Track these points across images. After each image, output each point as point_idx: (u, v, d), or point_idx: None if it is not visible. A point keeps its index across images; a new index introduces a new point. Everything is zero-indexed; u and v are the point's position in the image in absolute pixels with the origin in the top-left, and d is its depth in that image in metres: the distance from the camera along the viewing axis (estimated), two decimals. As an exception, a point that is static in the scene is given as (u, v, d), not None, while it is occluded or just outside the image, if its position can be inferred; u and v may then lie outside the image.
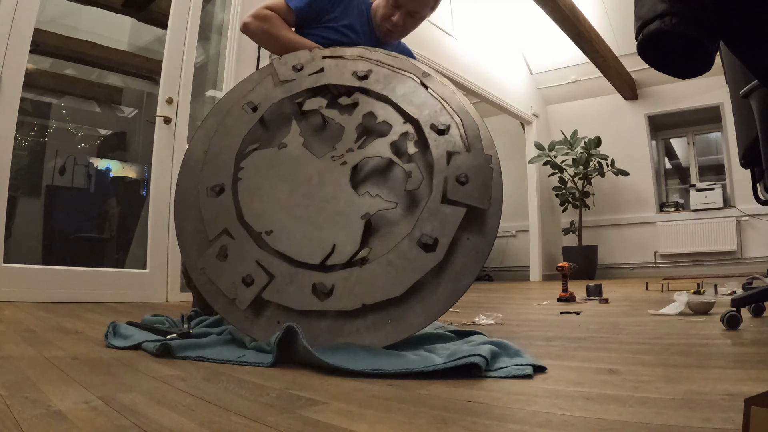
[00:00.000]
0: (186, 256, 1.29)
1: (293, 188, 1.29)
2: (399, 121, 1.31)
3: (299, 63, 1.44)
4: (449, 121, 1.30)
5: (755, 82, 1.28)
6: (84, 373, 0.93)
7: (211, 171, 1.32)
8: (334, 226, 1.23)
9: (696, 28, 0.77)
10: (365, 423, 0.64)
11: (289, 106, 1.41)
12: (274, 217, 1.25)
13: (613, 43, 5.74)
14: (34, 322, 1.68)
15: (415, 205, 1.24)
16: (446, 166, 1.22)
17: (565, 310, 2.22)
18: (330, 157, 1.31)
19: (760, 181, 1.57)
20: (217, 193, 1.28)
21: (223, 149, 1.34)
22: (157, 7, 3.95)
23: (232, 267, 1.20)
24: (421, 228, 1.16)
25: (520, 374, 0.89)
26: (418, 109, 1.31)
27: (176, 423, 0.64)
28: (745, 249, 5.73)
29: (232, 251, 1.21)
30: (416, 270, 1.13)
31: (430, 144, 1.26)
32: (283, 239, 1.22)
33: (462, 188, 1.20)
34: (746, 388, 0.76)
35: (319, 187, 1.28)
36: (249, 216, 1.26)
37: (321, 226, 1.23)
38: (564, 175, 6.42)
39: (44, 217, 3.63)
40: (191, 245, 1.28)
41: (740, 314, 1.45)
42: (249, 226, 1.24)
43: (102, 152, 4.27)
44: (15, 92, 2.41)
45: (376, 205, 1.24)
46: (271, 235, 1.23)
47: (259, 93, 1.40)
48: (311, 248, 1.20)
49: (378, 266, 1.15)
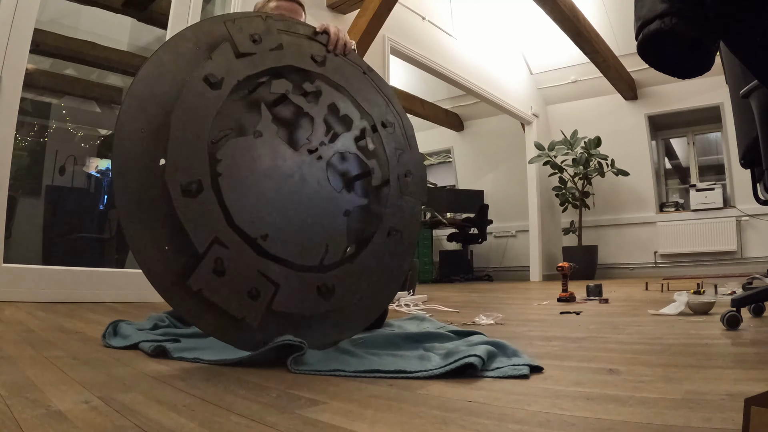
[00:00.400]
0: (158, 282, 1.00)
1: (279, 185, 1.17)
2: (357, 116, 1.33)
3: (256, 33, 1.22)
4: (393, 119, 1.39)
5: (755, 82, 1.28)
6: (84, 373, 0.93)
7: (179, 164, 1.03)
8: (322, 225, 1.21)
9: (696, 28, 0.77)
10: (365, 423, 0.64)
11: (248, 84, 1.20)
12: (266, 219, 1.12)
13: (613, 43, 5.74)
14: (34, 322, 1.68)
15: (378, 200, 1.30)
16: (397, 163, 1.33)
17: (565, 310, 2.22)
18: (306, 150, 1.22)
19: (760, 181, 1.57)
20: (194, 192, 1.03)
21: (190, 136, 1.06)
22: (157, 7, 3.95)
23: (232, 282, 1.03)
24: (388, 221, 1.27)
25: (516, 374, 0.89)
26: (371, 105, 1.36)
27: (176, 423, 0.64)
28: (745, 249, 5.73)
29: (229, 263, 1.03)
30: (395, 258, 1.26)
31: (384, 141, 1.33)
32: (279, 243, 1.12)
33: (409, 183, 1.33)
34: (746, 388, 0.76)
35: (302, 183, 1.20)
36: (241, 219, 1.08)
37: (311, 226, 1.19)
38: (564, 175, 6.42)
39: (44, 217, 3.62)
40: (160, 265, 1.00)
41: (740, 314, 1.45)
42: (241, 230, 1.08)
43: (102, 152, 4.27)
44: (15, 92, 2.41)
45: (352, 201, 1.27)
46: (267, 240, 1.10)
47: (219, 64, 1.14)
48: (308, 249, 1.17)
49: (366, 260, 1.22)
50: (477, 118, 7.82)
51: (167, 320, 1.56)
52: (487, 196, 7.36)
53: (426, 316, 1.75)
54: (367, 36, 3.73)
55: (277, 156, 1.18)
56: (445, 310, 2.29)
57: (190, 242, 1.01)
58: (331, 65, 1.32)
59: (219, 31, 1.19)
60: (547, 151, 6.38)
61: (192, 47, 1.15)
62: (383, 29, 3.99)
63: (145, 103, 1.06)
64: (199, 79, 1.10)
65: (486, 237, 6.97)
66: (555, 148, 6.36)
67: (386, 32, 4.29)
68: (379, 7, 3.66)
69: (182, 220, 1.01)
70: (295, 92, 1.24)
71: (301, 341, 1.02)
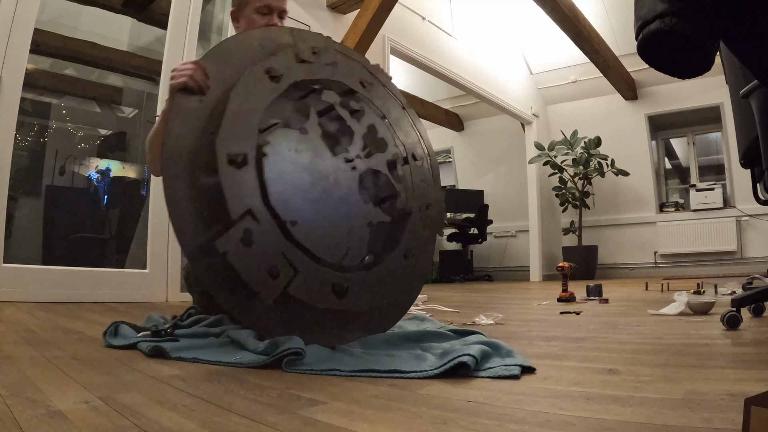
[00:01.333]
0: (187, 241, 1.09)
1: (314, 181, 1.23)
2: (392, 142, 1.40)
3: (316, 47, 1.36)
4: (423, 154, 1.48)
5: (755, 82, 1.28)
6: (84, 373, 0.93)
7: (231, 133, 1.11)
8: (346, 228, 1.26)
9: (696, 28, 0.77)
10: (365, 423, 0.64)
11: (303, 89, 1.31)
12: (298, 208, 1.18)
13: (613, 43, 5.74)
14: (34, 322, 1.68)
15: (399, 222, 1.36)
16: (420, 194, 1.41)
17: (565, 310, 2.22)
18: (343, 158, 1.31)
19: (760, 181, 1.57)
20: (239, 163, 1.10)
21: (245, 112, 1.15)
22: (157, 7, 3.95)
23: (257, 256, 1.08)
24: (406, 244, 1.33)
25: (507, 374, 0.88)
26: (405, 136, 1.45)
27: (176, 423, 0.64)
28: (745, 249, 5.73)
29: (257, 238, 1.08)
30: (407, 279, 1.33)
31: (412, 171, 1.41)
32: (306, 233, 1.16)
33: (429, 215, 1.42)
34: (746, 388, 0.76)
35: (335, 185, 1.27)
36: (275, 200, 1.13)
37: (337, 226, 1.24)
38: (564, 175, 6.42)
39: (44, 217, 3.63)
40: (191, 226, 1.10)
41: (740, 314, 1.45)
42: (274, 211, 1.13)
43: (102, 152, 4.27)
44: (15, 92, 2.41)
45: (377, 215, 1.33)
46: (296, 226, 1.14)
47: (281, 63, 1.26)
48: (330, 247, 1.21)
49: (381, 273, 1.27)
50: (477, 118, 7.82)
51: (161, 319, 1.56)
52: (487, 196, 7.36)
53: (426, 316, 1.75)
54: (367, 36, 3.73)
55: (317, 155, 1.27)
56: (445, 310, 2.29)
57: (226, 212, 1.07)
58: (375, 92, 1.42)
59: (283, 40, 1.34)
60: (547, 151, 6.38)
61: (257, 46, 1.29)
62: (383, 29, 3.99)
63: (210, 81, 1.20)
64: (262, 69, 1.22)
65: (486, 237, 6.97)
66: (555, 148, 6.37)
67: (386, 32, 4.30)
68: (379, 7, 3.66)
69: (222, 186, 1.07)
70: (341, 106, 1.34)
71: (300, 348, 1.02)
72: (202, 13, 3.25)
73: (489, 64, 5.89)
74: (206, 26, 3.62)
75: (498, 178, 7.54)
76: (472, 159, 7.91)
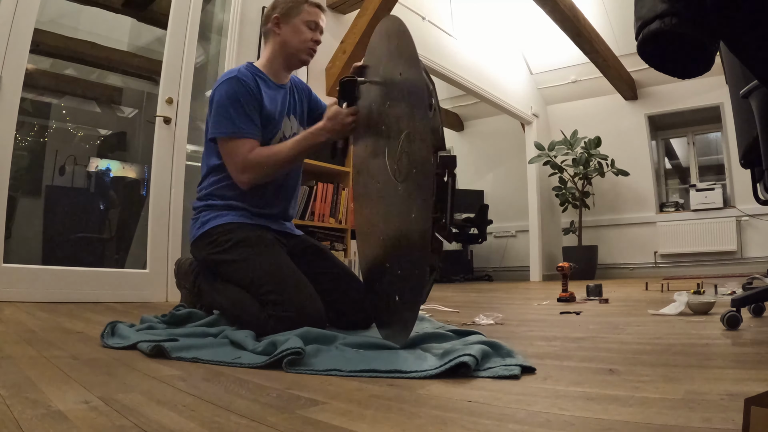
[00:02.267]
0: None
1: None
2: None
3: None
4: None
5: (755, 82, 1.28)
6: (84, 373, 0.93)
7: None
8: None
9: (696, 28, 0.77)
10: (365, 423, 0.64)
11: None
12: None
13: (613, 43, 5.74)
14: (34, 322, 1.68)
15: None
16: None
17: (565, 310, 2.22)
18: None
19: (760, 181, 1.56)
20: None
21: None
22: (157, 7, 3.95)
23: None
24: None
25: (507, 374, 0.89)
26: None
27: (176, 423, 0.64)
28: (745, 249, 5.73)
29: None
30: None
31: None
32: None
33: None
34: (746, 388, 0.76)
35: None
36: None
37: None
38: (564, 175, 6.42)
39: (44, 217, 3.63)
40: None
41: (740, 314, 1.45)
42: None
43: (102, 152, 4.27)
44: (15, 92, 2.41)
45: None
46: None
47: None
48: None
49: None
50: (477, 118, 7.82)
51: (155, 319, 1.56)
52: (487, 196, 7.36)
53: (425, 316, 1.75)
54: (367, 36, 3.73)
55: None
56: (444, 310, 2.29)
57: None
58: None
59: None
60: (547, 151, 6.38)
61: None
62: (383, 29, 3.98)
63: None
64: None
65: (486, 237, 6.97)
66: (555, 148, 6.36)
67: (386, 32, 4.28)
68: (379, 7, 3.66)
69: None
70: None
71: (300, 348, 1.02)
72: (202, 13, 3.25)
73: (489, 64, 5.89)
74: (206, 26, 3.62)
75: (498, 178, 7.54)
76: (472, 159, 7.91)
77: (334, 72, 3.75)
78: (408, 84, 1.23)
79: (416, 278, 1.12)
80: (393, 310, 1.26)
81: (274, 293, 1.38)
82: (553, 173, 6.53)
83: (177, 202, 2.97)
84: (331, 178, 3.57)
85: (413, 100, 1.18)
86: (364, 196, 1.51)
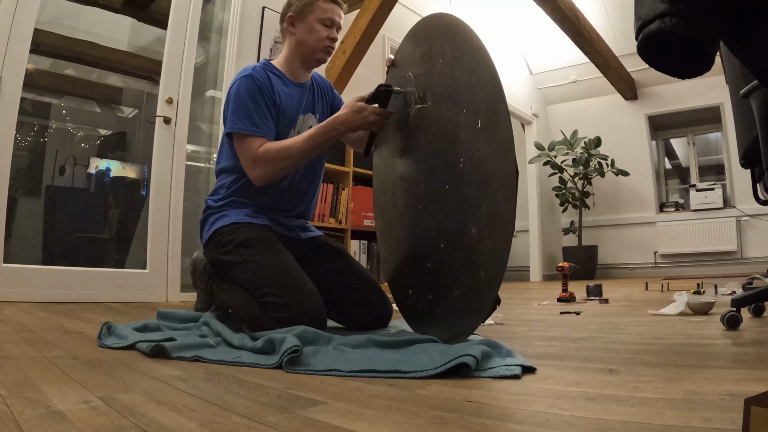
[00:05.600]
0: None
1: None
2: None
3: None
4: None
5: (755, 82, 1.28)
6: (84, 373, 0.93)
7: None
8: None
9: (696, 28, 0.77)
10: (365, 423, 0.64)
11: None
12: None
13: (613, 43, 5.74)
14: (34, 322, 1.68)
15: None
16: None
17: (565, 310, 2.22)
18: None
19: (760, 181, 1.56)
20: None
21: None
22: (157, 7, 3.95)
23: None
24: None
25: (508, 374, 0.89)
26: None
27: (176, 423, 0.64)
28: (745, 249, 5.73)
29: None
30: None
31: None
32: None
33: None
34: (746, 388, 0.76)
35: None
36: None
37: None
38: (564, 175, 6.42)
39: (44, 217, 3.62)
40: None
41: (740, 314, 1.44)
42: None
43: (102, 152, 4.27)
44: (15, 92, 2.41)
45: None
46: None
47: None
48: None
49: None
50: (477, 118, 7.80)
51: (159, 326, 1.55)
52: (487, 196, 7.34)
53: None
54: (367, 36, 3.73)
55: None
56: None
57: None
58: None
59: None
60: (547, 151, 6.38)
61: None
62: (383, 29, 3.99)
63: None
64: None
65: (486, 237, 6.96)
66: (555, 148, 6.36)
67: (386, 32, 4.30)
68: (379, 7, 3.66)
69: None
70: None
71: (298, 345, 1.02)
72: (202, 13, 3.25)
73: (489, 64, 5.88)
74: (206, 26, 3.62)
75: (498, 178, 7.52)
76: (472, 159, 7.90)
77: (334, 72, 3.75)
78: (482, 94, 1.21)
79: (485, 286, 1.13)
80: (450, 312, 1.25)
81: (273, 295, 1.38)
82: (553, 173, 6.53)
83: (177, 202, 2.97)
84: (331, 178, 3.57)
85: (489, 112, 1.16)
86: (433, 200, 1.37)
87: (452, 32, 1.33)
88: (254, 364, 1.03)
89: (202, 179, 3.71)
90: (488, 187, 1.16)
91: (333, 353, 1.08)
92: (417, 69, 1.44)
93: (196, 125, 3.59)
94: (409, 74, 1.47)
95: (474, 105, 1.21)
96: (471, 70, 1.25)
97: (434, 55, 1.37)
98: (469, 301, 1.19)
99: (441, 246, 1.29)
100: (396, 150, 1.54)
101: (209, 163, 3.70)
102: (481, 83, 1.21)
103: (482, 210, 1.17)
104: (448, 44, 1.33)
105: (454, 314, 1.24)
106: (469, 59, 1.26)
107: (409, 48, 1.50)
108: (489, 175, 1.16)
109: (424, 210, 1.38)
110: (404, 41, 1.54)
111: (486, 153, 1.17)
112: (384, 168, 1.61)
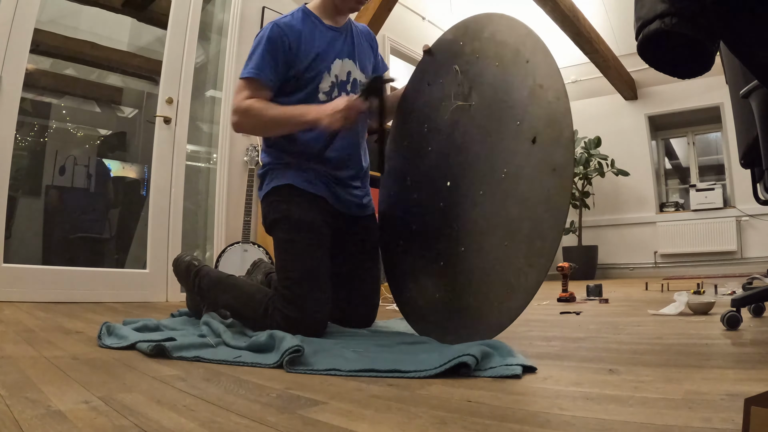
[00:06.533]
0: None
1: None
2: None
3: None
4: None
5: (755, 82, 1.28)
6: (84, 373, 0.93)
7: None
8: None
9: (696, 29, 0.77)
10: (365, 423, 0.64)
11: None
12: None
13: (613, 43, 5.73)
14: (34, 322, 1.68)
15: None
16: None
17: (565, 310, 2.22)
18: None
19: (760, 181, 1.56)
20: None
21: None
22: (157, 7, 3.95)
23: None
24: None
25: (509, 374, 0.89)
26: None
27: (176, 423, 0.64)
28: (745, 249, 5.73)
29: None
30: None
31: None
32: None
33: None
34: (746, 388, 0.76)
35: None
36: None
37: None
38: (564, 175, 6.41)
39: (44, 217, 3.63)
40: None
41: (740, 314, 1.44)
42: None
43: (102, 152, 4.27)
44: (15, 92, 2.41)
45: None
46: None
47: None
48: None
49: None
50: (477, 118, 7.80)
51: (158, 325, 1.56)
52: (487, 196, 7.34)
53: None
54: (367, 36, 3.73)
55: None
56: (445, 310, 2.29)
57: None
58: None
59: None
60: (547, 151, 6.37)
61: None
62: (383, 29, 3.99)
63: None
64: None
65: (486, 237, 6.96)
66: (555, 148, 6.36)
67: (386, 32, 4.29)
68: (379, 7, 3.66)
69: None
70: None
71: (299, 346, 1.02)
72: (202, 13, 3.25)
73: (489, 64, 5.88)
74: (206, 26, 3.62)
75: (498, 178, 7.53)
76: (472, 159, 7.91)
77: (334, 72, 3.74)
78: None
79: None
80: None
81: (291, 289, 1.38)
82: (553, 173, 6.52)
83: (177, 202, 2.97)
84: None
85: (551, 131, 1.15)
86: (459, 200, 1.33)
87: (522, 41, 1.30)
88: (255, 363, 1.03)
89: (202, 179, 3.71)
90: (532, 211, 1.09)
91: (333, 353, 1.08)
92: (465, 65, 1.38)
93: (196, 125, 3.59)
94: (455, 67, 1.40)
95: (531, 122, 1.16)
96: (536, 85, 1.22)
97: (489, 56, 1.32)
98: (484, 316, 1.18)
99: (462, 249, 1.26)
100: (422, 135, 1.48)
101: (209, 163, 3.69)
102: (542, 100, 1.19)
103: (522, 233, 1.09)
104: (510, 51, 1.29)
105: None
106: (541, 72, 1.24)
107: (458, 39, 1.44)
108: (537, 197, 1.09)
109: (448, 207, 1.34)
110: (451, 31, 1.47)
111: (537, 173, 1.10)
112: (401, 162, 1.58)
